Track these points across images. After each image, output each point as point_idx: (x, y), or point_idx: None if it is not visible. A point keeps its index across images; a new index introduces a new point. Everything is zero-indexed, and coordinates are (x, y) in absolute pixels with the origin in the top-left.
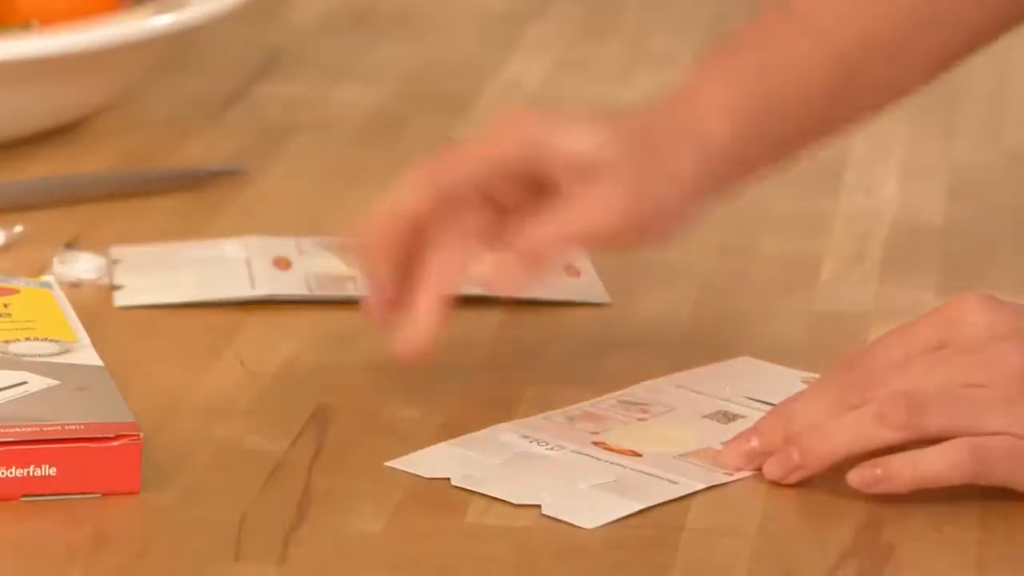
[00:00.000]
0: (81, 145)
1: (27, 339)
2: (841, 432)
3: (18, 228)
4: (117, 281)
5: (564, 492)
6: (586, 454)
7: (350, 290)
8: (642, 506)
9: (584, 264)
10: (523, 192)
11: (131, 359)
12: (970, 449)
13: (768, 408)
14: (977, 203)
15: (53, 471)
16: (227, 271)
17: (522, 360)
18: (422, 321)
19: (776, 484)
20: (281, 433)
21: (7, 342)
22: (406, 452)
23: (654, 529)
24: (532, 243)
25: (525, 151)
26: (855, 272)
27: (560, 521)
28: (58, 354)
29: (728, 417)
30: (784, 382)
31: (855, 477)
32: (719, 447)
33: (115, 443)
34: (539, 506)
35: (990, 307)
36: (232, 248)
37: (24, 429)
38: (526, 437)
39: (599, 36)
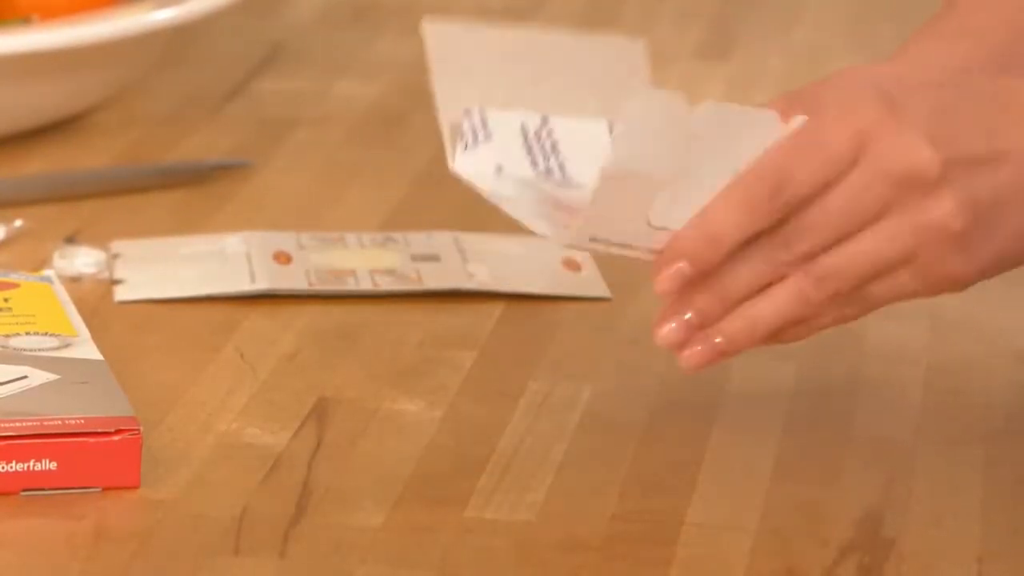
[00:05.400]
0: (81, 140)
1: (27, 333)
2: (765, 318)
3: (18, 223)
4: (117, 275)
5: None
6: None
7: (350, 285)
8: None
9: (585, 259)
10: None
11: (131, 353)
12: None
13: None
14: None
15: (53, 465)
16: (227, 265)
17: (522, 354)
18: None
19: (776, 478)
20: (281, 427)
21: (7, 336)
22: (406, 446)
23: (653, 523)
24: None
25: None
26: None
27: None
28: (58, 348)
29: None
30: None
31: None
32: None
33: (115, 437)
34: (538, 499)
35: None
36: (232, 243)
37: (24, 423)
38: None
39: (598, 31)
